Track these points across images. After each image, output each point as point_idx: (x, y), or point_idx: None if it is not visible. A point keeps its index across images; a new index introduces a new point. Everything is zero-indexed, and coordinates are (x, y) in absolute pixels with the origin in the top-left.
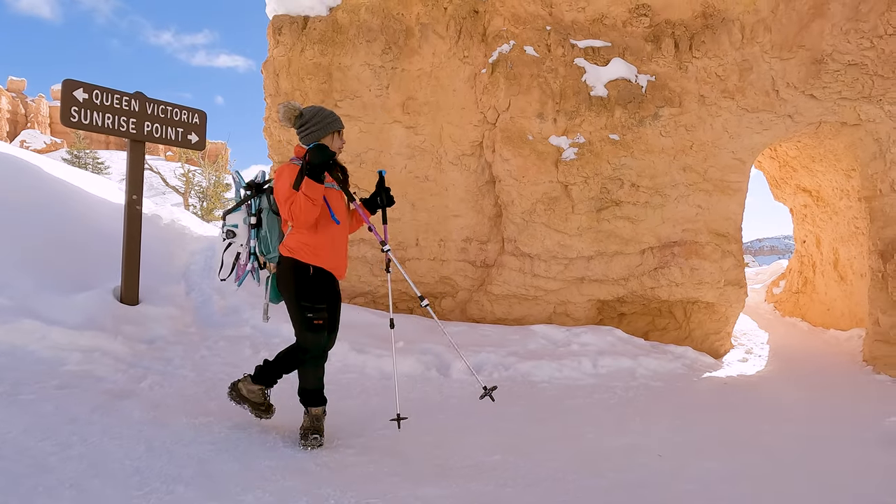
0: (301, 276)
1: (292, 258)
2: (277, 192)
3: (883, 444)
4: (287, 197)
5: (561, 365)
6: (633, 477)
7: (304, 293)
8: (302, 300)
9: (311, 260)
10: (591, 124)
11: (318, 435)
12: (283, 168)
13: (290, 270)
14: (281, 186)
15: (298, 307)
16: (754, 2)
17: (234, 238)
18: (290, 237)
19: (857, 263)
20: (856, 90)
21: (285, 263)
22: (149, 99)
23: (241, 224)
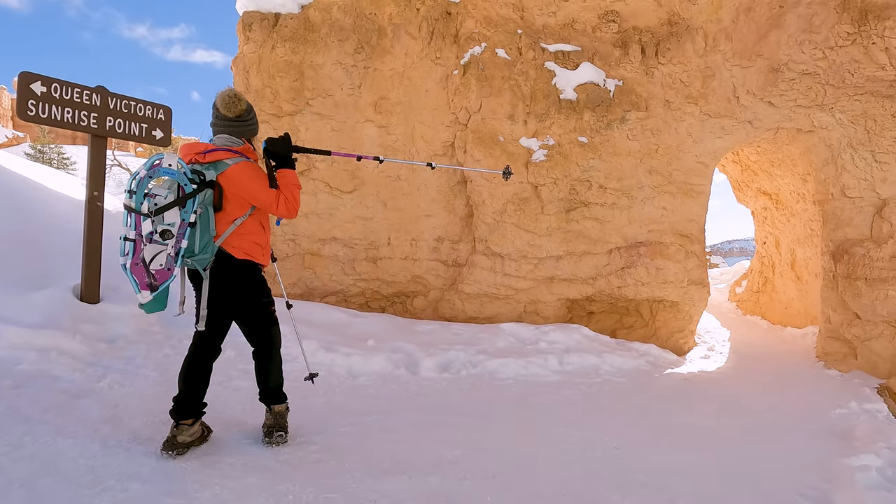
0: (258, 276)
1: (250, 260)
2: (258, 193)
3: (827, 434)
4: (273, 195)
5: (528, 362)
6: (589, 468)
7: (264, 291)
8: (263, 297)
9: (263, 260)
10: (560, 127)
11: (283, 432)
12: (245, 168)
13: (249, 273)
14: (261, 186)
15: (263, 304)
16: (716, 11)
17: (169, 240)
18: (241, 238)
19: (813, 264)
20: (809, 98)
21: (243, 266)
22: (111, 93)
23: (178, 222)
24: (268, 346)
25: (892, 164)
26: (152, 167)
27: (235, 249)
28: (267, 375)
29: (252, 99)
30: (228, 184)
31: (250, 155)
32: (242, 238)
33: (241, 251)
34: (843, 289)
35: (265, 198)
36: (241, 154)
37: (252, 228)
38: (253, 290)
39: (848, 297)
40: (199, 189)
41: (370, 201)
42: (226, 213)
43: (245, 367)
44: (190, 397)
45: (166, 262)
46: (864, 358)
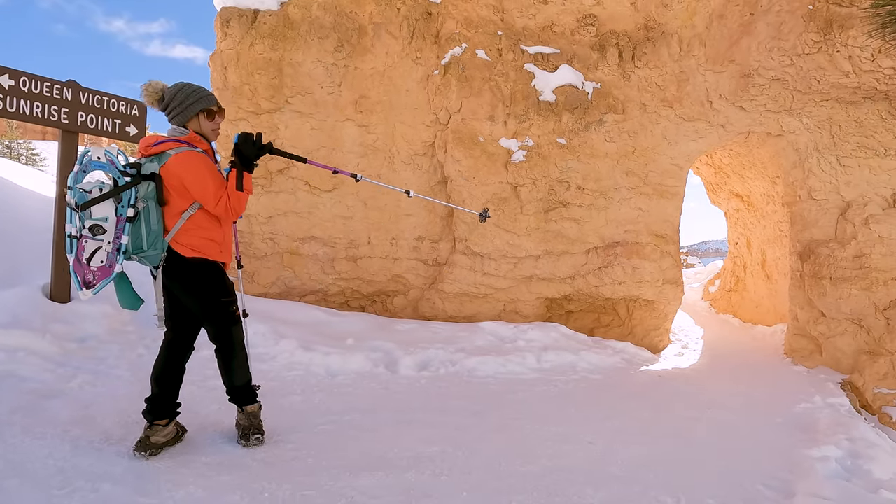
0: (215, 273)
1: (201, 257)
2: (195, 185)
3: (792, 427)
4: (212, 190)
5: (506, 360)
6: (563, 463)
7: (223, 289)
8: (222, 297)
9: (219, 256)
10: (539, 128)
11: (260, 434)
12: (189, 158)
13: (202, 271)
14: (198, 178)
15: (222, 304)
16: (691, 17)
17: (102, 235)
18: (189, 234)
19: (782, 264)
20: (779, 103)
21: (194, 264)
22: (83, 88)
23: (111, 217)
24: (228, 345)
25: (856, 168)
26: (83, 161)
27: (182, 247)
28: (231, 374)
29: (230, 96)
30: (167, 175)
31: (199, 144)
32: (191, 234)
33: (188, 248)
34: (810, 288)
35: (202, 191)
36: (188, 143)
37: (203, 223)
38: (208, 290)
39: (814, 296)
40: (134, 182)
41: (350, 200)
42: (171, 206)
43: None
44: (163, 398)
45: (107, 258)
46: (828, 354)
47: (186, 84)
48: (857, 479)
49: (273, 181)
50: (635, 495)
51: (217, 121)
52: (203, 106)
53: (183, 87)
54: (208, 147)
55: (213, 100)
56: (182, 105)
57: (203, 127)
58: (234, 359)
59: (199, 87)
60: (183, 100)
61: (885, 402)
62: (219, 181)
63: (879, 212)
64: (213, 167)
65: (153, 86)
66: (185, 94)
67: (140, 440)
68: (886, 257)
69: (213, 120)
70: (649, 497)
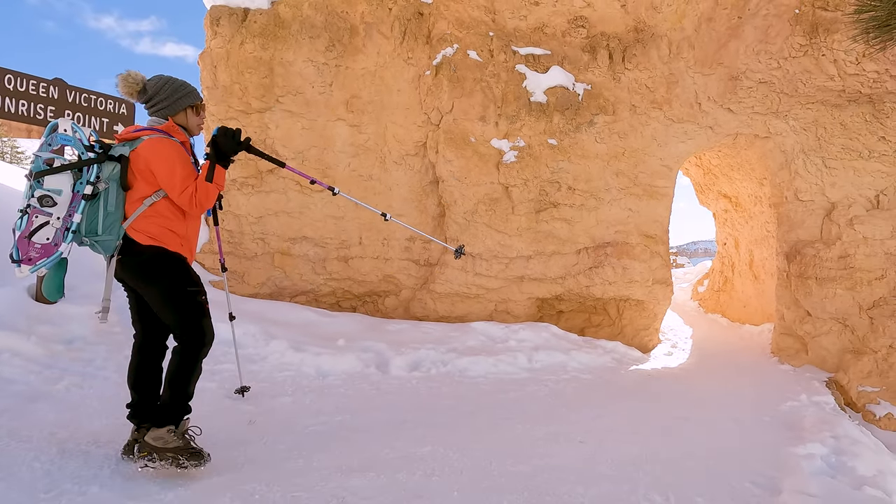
0: (175, 263)
1: (159, 246)
2: (161, 171)
3: (778, 425)
4: (178, 180)
5: (497, 360)
6: (554, 462)
7: (188, 278)
8: (188, 286)
9: (181, 250)
10: (530, 129)
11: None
12: (161, 144)
13: (161, 260)
14: (166, 165)
15: (188, 294)
16: (680, 20)
17: (51, 208)
18: (148, 221)
19: (769, 264)
20: (766, 106)
21: (150, 252)
22: (69, 86)
23: (66, 191)
24: (197, 341)
25: (840, 169)
26: (50, 134)
27: (139, 233)
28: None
29: (220, 95)
30: (136, 159)
31: (176, 134)
32: (149, 221)
33: (145, 235)
34: (796, 287)
35: (168, 178)
36: (164, 132)
37: (164, 212)
38: (169, 277)
39: (800, 296)
40: (97, 160)
41: (341, 200)
42: (134, 191)
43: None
44: (143, 403)
45: (53, 236)
46: (814, 353)
47: (171, 78)
48: (841, 476)
49: (264, 181)
50: (625, 494)
51: (202, 116)
52: (192, 101)
53: (169, 81)
54: (186, 139)
55: (199, 94)
56: (170, 99)
57: (190, 122)
58: (197, 361)
59: (184, 82)
60: (171, 94)
61: (868, 399)
62: (188, 170)
63: (863, 213)
64: (184, 157)
65: (133, 76)
66: (174, 89)
67: (128, 443)
68: (870, 258)
69: (199, 115)
70: (639, 495)
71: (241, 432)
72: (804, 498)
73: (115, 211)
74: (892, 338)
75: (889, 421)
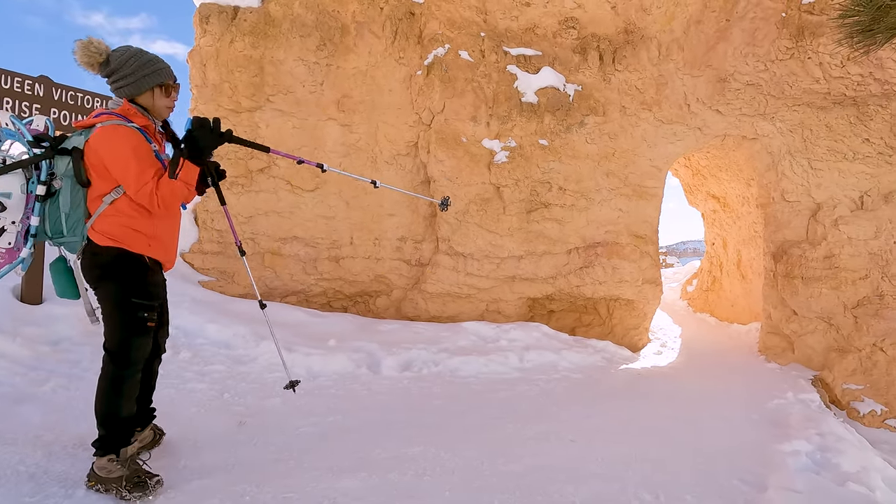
0: (132, 268)
1: (119, 247)
2: (114, 165)
3: (764, 423)
4: (134, 175)
5: (489, 360)
6: (545, 461)
7: (138, 289)
8: (134, 297)
9: (146, 251)
10: (522, 129)
11: (145, 486)
12: (117, 130)
13: (116, 263)
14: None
15: (129, 306)
16: (669, 22)
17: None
18: (108, 220)
19: (756, 264)
20: (753, 107)
21: (106, 254)
22: (55, 83)
23: (17, 193)
24: (117, 361)
25: (826, 171)
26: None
27: (98, 234)
28: (109, 404)
29: (210, 93)
30: (89, 152)
31: (135, 118)
32: (109, 220)
33: (104, 236)
34: (782, 287)
35: (122, 173)
36: (121, 116)
37: (127, 210)
38: (115, 283)
39: (786, 295)
40: (44, 155)
41: (332, 200)
42: (93, 188)
43: (200, 368)
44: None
45: (14, 241)
46: (800, 352)
47: (141, 51)
48: (826, 473)
49: (254, 180)
50: (615, 492)
51: (173, 97)
52: (160, 80)
53: (137, 55)
54: (147, 123)
55: (171, 72)
56: (135, 75)
57: (157, 103)
58: (113, 384)
59: (155, 57)
60: (137, 69)
61: (852, 397)
62: (146, 163)
63: (848, 213)
64: (142, 146)
65: (95, 45)
66: (140, 63)
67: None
68: (854, 257)
69: (169, 96)
70: (629, 494)
71: (232, 433)
72: (790, 494)
73: (74, 211)
74: (876, 336)
75: (872, 418)
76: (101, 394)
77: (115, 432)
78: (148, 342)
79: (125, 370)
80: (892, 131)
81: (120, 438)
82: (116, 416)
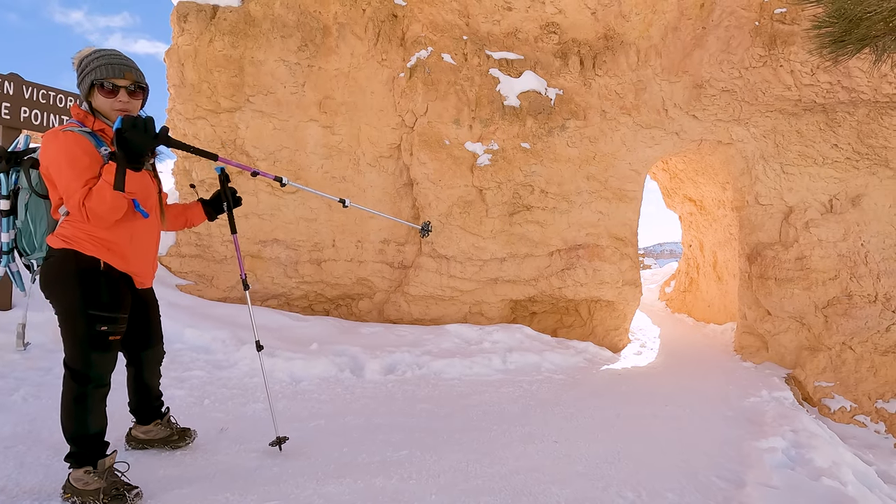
0: (85, 272)
1: (70, 249)
2: (55, 174)
3: (741, 421)
4: (73, 185)
5: (472, 362)
6: (529, 463)
7: (93, 297)
8: (90, 307)
9: (105, 256)
10: (504, 132)
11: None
12: (57, 136)
13: (67, 266)
14: (59, 169)
15: (85, 317)
16: (647, 29)
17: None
18: (66, 225)
19: (731, 265)
20: (728, 113)
21: (58, 257)
22: (26, 82)
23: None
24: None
25: (797, 175)
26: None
27: (53, 238)
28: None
29: (188, 93)
30: (41, 160)
31: (86, 122)
32: (70, 225)
33: (59, 238)
34: (757, 288)
35: (60, 185)
36: (77, 122)
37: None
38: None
39: (760, 296)
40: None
41: (314, 202)
42: (53, 199)
43: (178, 374)
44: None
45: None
46: (773, 350)
47: (93, 49)
48: (800, 468)
49: (233, 182)
50: (598, 491)
51: (121, 99)
52: (95, 77)
53: (88, 55)
54: (103, 127)
55: (115, 69)
56: (80, 76)
57: (100, 105)
58: (74, 401)
59: (100, 53)
60: (81, 69)
61: (823, 394)
62: (78, 170)
63: (818, 216)
64: (80, 154)
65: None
66: (86, 62)
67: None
68: (824, 259)
69: (113, 97)
70: (611, 493)
71: (213, 440)
72: (767, 490)
73: (39, 224)
74: (845, 335)
75: (843, 414)
76: (65, 411)
77: (87, 448)
78: (111, 358)
79: (86, 387)
80: (859, 137)
81: (94, 452)
82: (86, 433)
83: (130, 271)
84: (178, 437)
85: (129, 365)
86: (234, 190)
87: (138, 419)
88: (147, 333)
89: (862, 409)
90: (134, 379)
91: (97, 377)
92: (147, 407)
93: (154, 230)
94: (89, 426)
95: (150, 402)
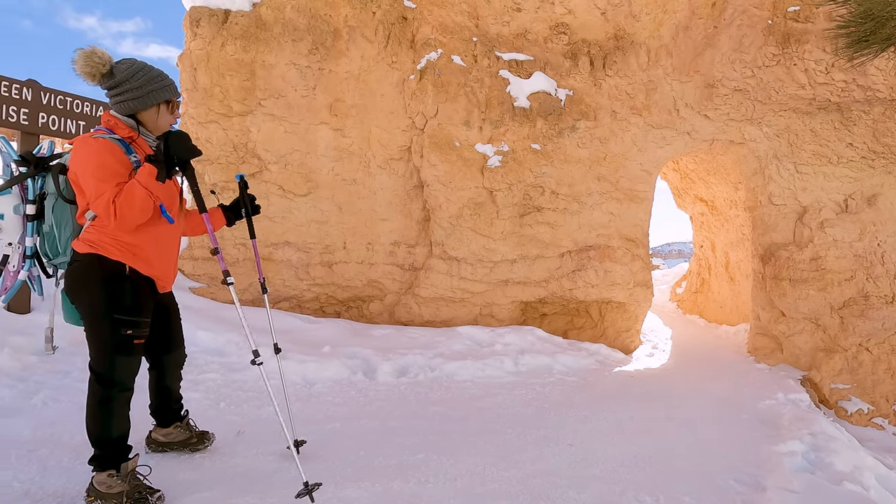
0: (111, 277)
1: (95, 254)
2: (82, 177)
3: (756, 423)
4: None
5: (484, 364)
6: (546, 466)
7: (118, 301)
8: (115, 311)
9: (130, 261)
10: (514, 134)
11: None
12: (88, 142)
13: (92, 271)
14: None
15: (109, 321)
16: (658, 28)
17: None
18: (92, 230)
19: (744, 266)
20: (741, 113)
21: (84, 262)
22: (44, 88)
23: (9, 214)
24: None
25: (811, 174)
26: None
27: (80, 243)
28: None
29: (200, 97)
30: (70, 166)
31: (117, 129)
32: (92, 229)
33: (84, 243)
34: (771, 289)
35: (85, 187)
36: (106, 129)
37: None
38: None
39: (774, 297)
40: (28, 174)
41: (325, 205)
42: (80, 203)
43: (194, 377)
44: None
45: (17, 263)
46: (788, 352)
47: (147, 65)
48: (820, 472)
49: None
50: (616, 495)
51: (177, 114)
52: (167, 96)
53: (144, 69)
54: (132, 134)
55: (176, 89)
56: (142, 90)
57: (161, 121)
58: (100, 404)
59: (161, 72)
60: (144, 83)
61: (840, 396)
62: (107, 173)
63: (833, 216)
64: (110, 158)
65: (99, 55)
66: (148, 78)
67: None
68: (840, 259)
69: (173, 113)
70: (629, 496)
71: (230, 443)
72: (787, 494)
73: (64, 228)
74: (861, 336)
75: (860, 416)
76: (90, 415)
77: (110, 452)
78: (135, 361)
79: (111, 390)
80: (875, 136)
81: (117, 455)
82: (108, 437)
83: (154, 275)
84: (197, 439)
85: (151, 369)
86: (252, 197)
87: (159, 422)
88: (168, 337)
89: (879, 412)
90: (156, 382)
91: (121, 381)
92: (167, 410)
93: (176, 235)
94: (112, 430)
95: (170, 405)
